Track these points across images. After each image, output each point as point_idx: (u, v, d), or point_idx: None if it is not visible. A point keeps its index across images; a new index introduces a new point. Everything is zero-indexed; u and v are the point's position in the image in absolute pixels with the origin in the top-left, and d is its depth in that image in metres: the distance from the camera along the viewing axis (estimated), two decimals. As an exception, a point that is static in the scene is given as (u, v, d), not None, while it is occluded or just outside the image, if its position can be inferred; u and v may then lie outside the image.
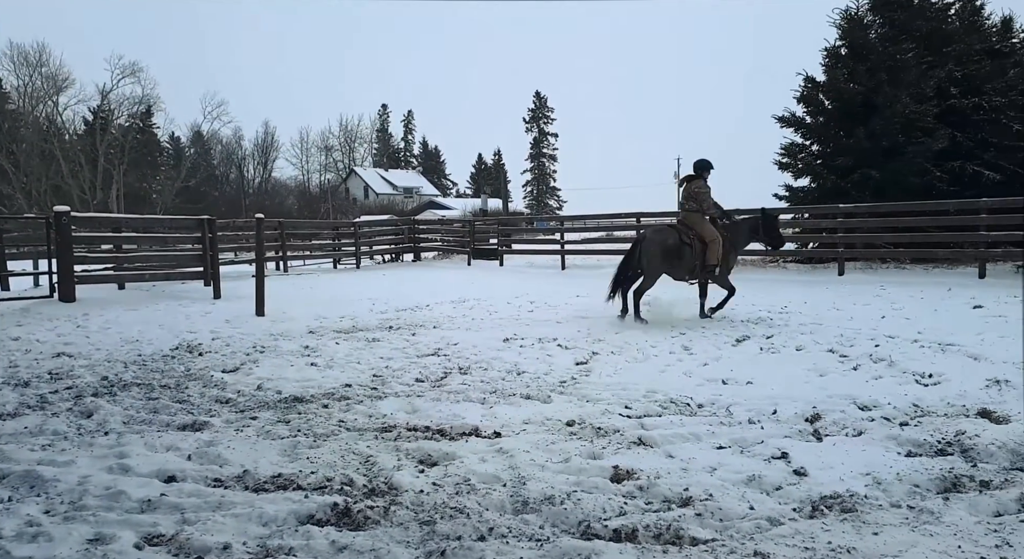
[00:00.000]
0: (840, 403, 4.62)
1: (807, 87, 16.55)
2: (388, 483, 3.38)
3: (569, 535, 2.85)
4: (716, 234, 8.45)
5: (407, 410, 4.71)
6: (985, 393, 4.75)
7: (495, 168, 79.56)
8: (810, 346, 6.61)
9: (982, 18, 17.10)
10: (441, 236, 23.26)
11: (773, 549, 2.61)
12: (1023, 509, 2.93)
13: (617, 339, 7.22)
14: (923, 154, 14.48)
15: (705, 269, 8.52)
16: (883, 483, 3.27)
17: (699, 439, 4.02)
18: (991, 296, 9.39)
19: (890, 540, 2.64)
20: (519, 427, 4.29)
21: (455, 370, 5.92)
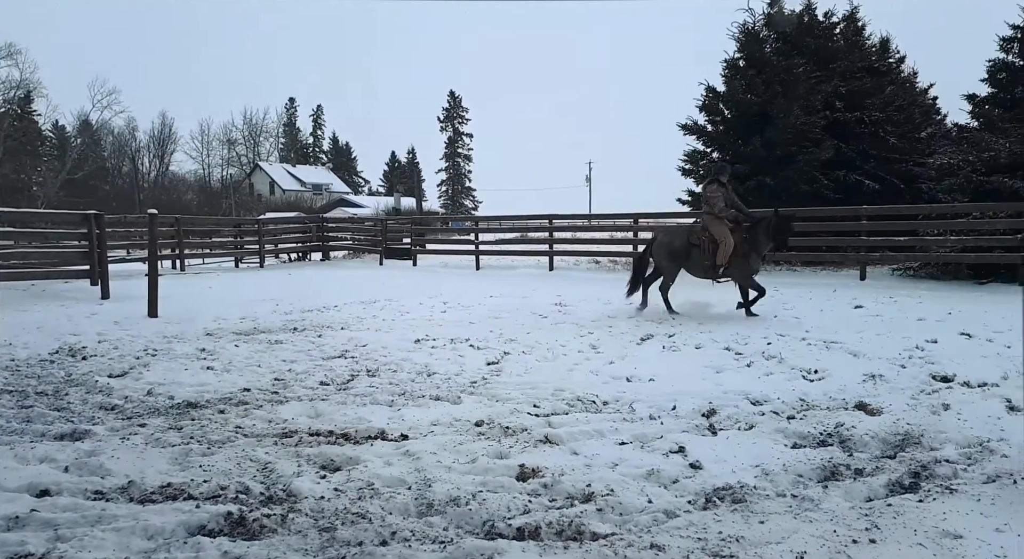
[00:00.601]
0: (734, 398, 4.85)
1: (708, 96, 17.32)
2: (287, 490, 3.26)
3: (473, 535, 2.85)
4: (726, 235, 8.68)
5: (310, 414, 4.57)
6: (862, 387, 5.12)
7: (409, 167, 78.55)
8: (708, 344, 6.91)
9: (863, 38, 18.49)
10: (352, 235, 22.75)
11: (668, 541, 2.70)
12: (891, 494, 3.18)
13: (528, 339, 7.29)
14: (812, 163, 15.47)
15: (715, 268, 8.85)
16: (771, 474, 3.46)
17: (603, 435, 4.12)
18: (870, 297, 10.14)
19: (775, 528, 2.79)
20: (427, 429, 4.26)
21: (363, 372, 5.80)
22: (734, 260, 8.72)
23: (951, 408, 4.48)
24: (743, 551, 2.62)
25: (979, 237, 11.56)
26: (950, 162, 12.80)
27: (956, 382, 5.20)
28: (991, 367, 5.57)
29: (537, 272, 16.05)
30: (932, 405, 4.57)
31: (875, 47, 18.76)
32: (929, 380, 5.28)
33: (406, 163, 79.55)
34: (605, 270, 16.32)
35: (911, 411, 4.45)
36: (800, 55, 16.31)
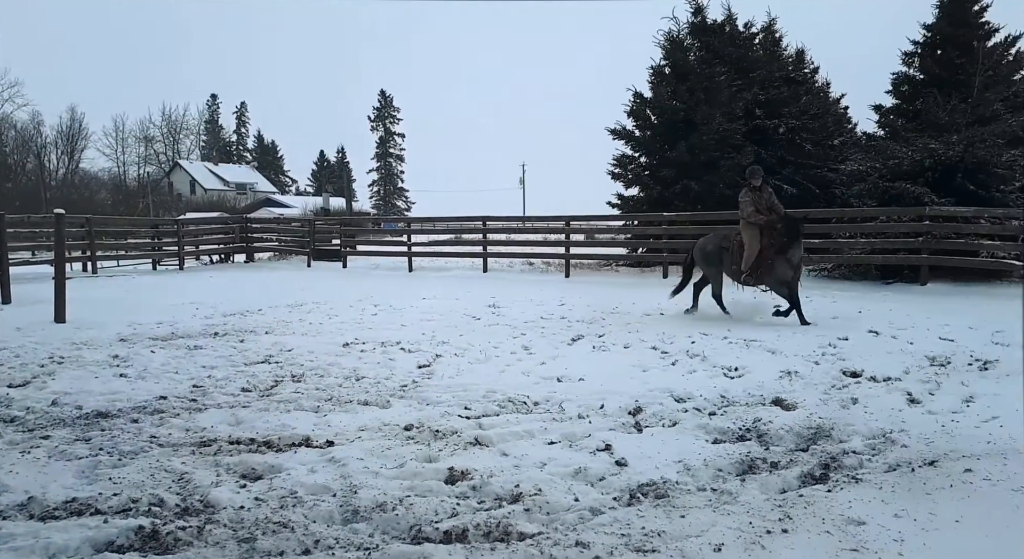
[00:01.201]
0: (659, 396, 4.98)
1: (636, 102, 17.72)
2: (204, 501, 3.14)
3: (400, 541, 2.82)
4: (751, 240, 8.53)
5: (231, 422, 4.41)
6: (779, 383, 5.35)
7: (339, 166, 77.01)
8: (636, 344, 7.06)
9: (781, 49, 19.35)
10: (278, 236, 22.08)
11: (593, 538, 2.75)
12: (803, 485, 3.33)
13: (461, 341, 7.27)
14: (734, 168, 16.05)
15: (740, 274, 8.71)
16: (692, 469, 3.57)
17: (532, 436, 4.15)
18: (787, 296, 10.59)
19: (695, 521, 2.88)
20: (354, 435, 4.18)
21: (287, 378, 5.64)
22: (762, 266, 8.47)
23: (859, 402, 4.75)
24: (664, 545, 2.69)
25: (886, 240, 12.28)
26: (859, 168, 13.54)
27: (864, 377, 5.50)
28: (895, 362, 5.92)
29: (471, 274, 16.03)
30: (842, 399, 4.82)
31: (791, 58, 19.65)
32: (840, 376, 5.56)
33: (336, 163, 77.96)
34: (539, 271, 16.47)
35: (823, 405, 4.68)
36: (722, 64, 16.90)
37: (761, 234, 8.51)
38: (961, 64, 15.52)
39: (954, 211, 11.60)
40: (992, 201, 11.98)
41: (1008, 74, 16.55)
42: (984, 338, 6.93)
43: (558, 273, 15.76)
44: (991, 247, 11.47)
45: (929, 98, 14.83)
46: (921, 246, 11.71)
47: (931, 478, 3.24)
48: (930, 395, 4.94)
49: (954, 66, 15.69)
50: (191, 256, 19.89)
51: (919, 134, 13.93)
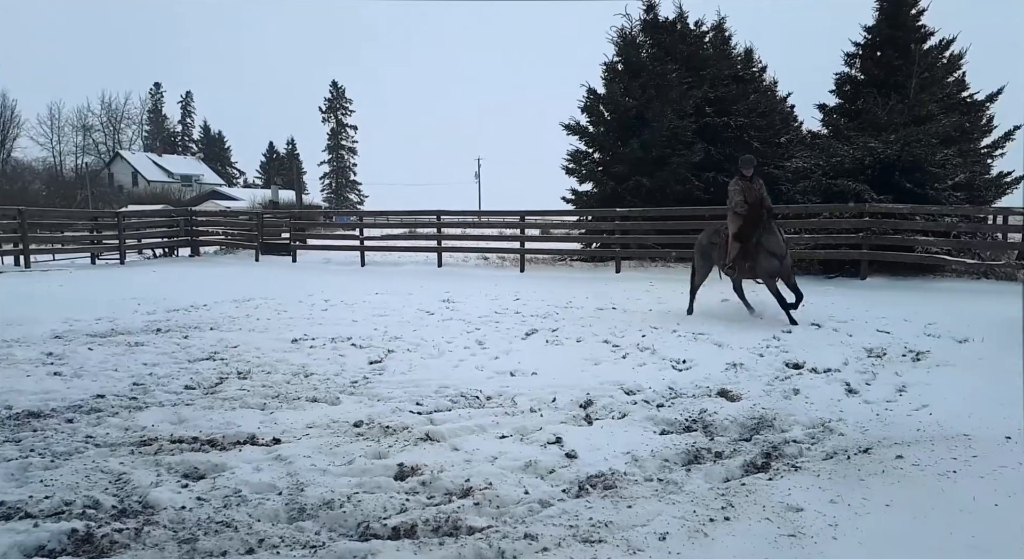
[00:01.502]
0: (610, 389, 5.05)
1: (589, 98, 17.85)
2: (143, 502, 3.05)
3: (347, 538, 2.79)
4: (735, 233, 8.27)
5: (173, 421, 4.29)
6: (725, 375, 5.48)
7: (288, 158, 75.32)
8: (588, 338, 7.13)
9: (730, 47, 19.75)
10: (225, 229, 21.51)
11: (542, 530, 2.77)
12: (745, 474, 3.42)
13: (414, 336, 7.22)
14: (684, 165, 16.34)
15: (725, 267, 8.55)
16: (640, 460, 3.63)
17: (484, 430, 4.15)
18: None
19: (641, 511, 2.94)
20: (302, 432, 4.11)
21: (233, 375, 5.51)
22: (748, 258, 8.21)
23: (800, 393, 4.90)
24: (611, 535, 2.73)
25: (828, 235, 12.69)
26: (804, 166, 13.94)
27: (806, 369, 5.68)
28: (835, 354, 6.13)
29: (425, 269, 15.92)
30: (784, 390, 4.97)
31: (740, 56, 20.08)
32: (783, 368, 5.74)
33: (285, 154, 76.21)
34: (494, 266, 16.46)
35: (766, 396, 4.82)
36: (674, 61, 17.16)
37: (745, 225, 8.27)
38: (899, 66, 16.13)
39: (892, 208, 12.06)
40: (927, 198, 12.49)
41: (942, 76, 17.29)
42: (917, 330, 7.24)
43: (513, 268, 15.78)
44: (926, 243, 11.96)
45: (869, 98, 15.39)
46: (861, 242, 12.14)
47: (865, 465, 3.37)
48: (867, 385, 5.14)
49: (893, 67, 16.30)
50: (133, 250, 19.22)
51: (860, 133, 14.43)
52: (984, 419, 4.03)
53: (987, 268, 11.95)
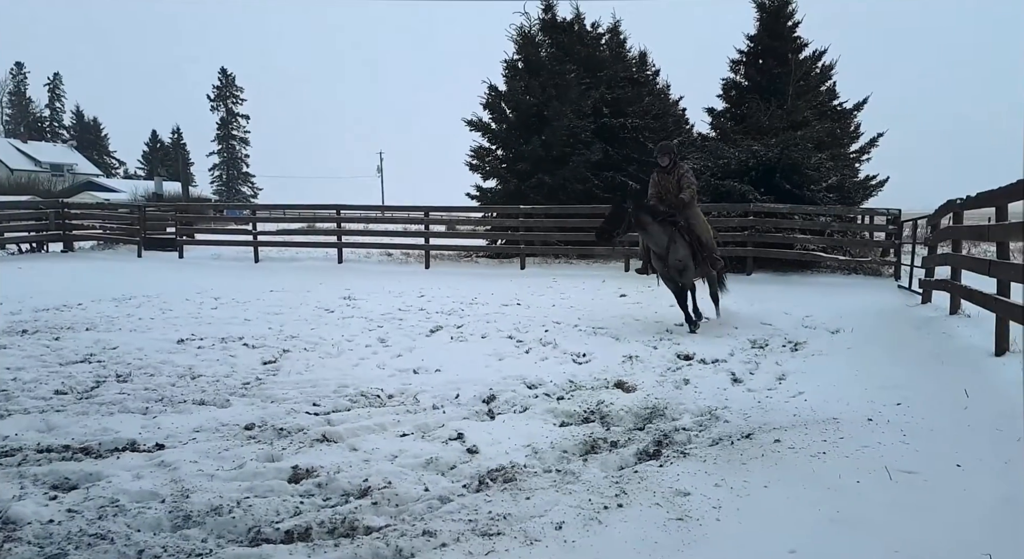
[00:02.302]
0: (513, 383, 5.11)
1: (491, 95, 17.94)
2: (3, 518, 2.78)
3: (236, 544, 2.68)
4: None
5: (40, 428, 3.95)
6: (622, 367, 5.68)
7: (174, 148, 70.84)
8: (493, 334, 7.18)
9: (626, 50, 20.41)
10: (103, 223, 19.97)
11: (440, 526, 2.76)
12: (639, 462, 3.56)
13: (312, 335, 7.00)
14: (584, 164, 16.76)
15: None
16: (539, 452, 3.70)
17: (384, 429, 4.09)
18: (632, 286, 11.22)
19: (539, 502, 2.99)
20: (188, 436, 3.90)
21: (111, 378, 5.15)
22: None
23: (690, 382, 5.15)
24: (509, 527, 2.76)
25: (717, 233, 13.37)
26: (695, 167, 14.64)
27: (695, 360, 5.98)
28: (723, 346, 6.49)
29: (325, 264, 15.46)
30: (676, 380, 5.21)
31: (635, 59, 20.79)
32: (675, 359, 6.01)
33: (171, 144, 71.69)
34: (397, 262, 16.22)
35: (659, 387, 5.03)
36: (572, 61, 17.53)
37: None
38: (779, 74, 17.24)
39: (774, 208, 12.90)
40: (804, 199, 13.44)
41: (816, 85, 18.62)
42: (796, 322, 7.78)
43: (418, 264, 15.62)
44: (803, 240, 12.88)
45: (753, 103, 16.35)
46: (747, 239, 12.91)
47: (747, 449, 3.59)
48: (750, 375, 5.48)
49: (773, 75, 17.39)
50: (-6, 245, 17.49)
51: (745, 136, 15.32)
52: (851, 403, 4.39)
53: (856, 264, 13.03)
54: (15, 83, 70.53)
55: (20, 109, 71.13)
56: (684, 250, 7.40)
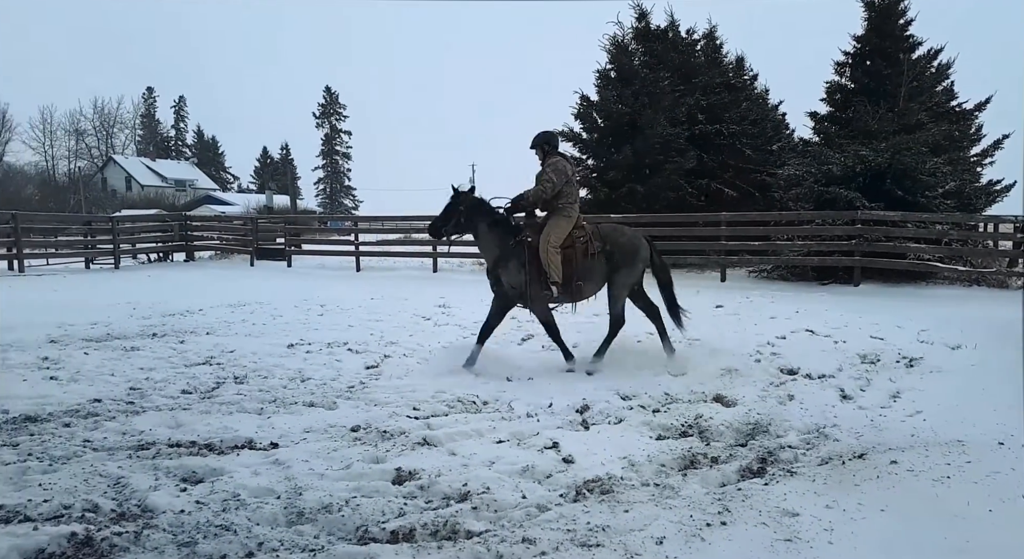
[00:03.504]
0: (606, 394, 5.08)
1: (583, 105, 17.93)
2: (142, 506, 3.05)
3: (346, 542, 2.80)
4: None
5: (170, 425, 4.29)
6: (720, 381, 5.51)
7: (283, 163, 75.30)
8: (584, 344, 7.11)
9: (721, 55, 19.87)
10: (220, 234, 21.47)
11: (539, 534, 2.79)
12: (742, 479, 3.45)
13: (410, 341, 7.23)
14: (678, 172, 16.43)
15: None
16: (636, 465, 3.65)
17: (481, 435, 4.17)
18: (729, 297, 10.92)
19: (638, 516, 2.96)
20: (299, 436, 4.12)
21: (230, 379, 5.51)
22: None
23: (795, 398, 4.94)
24: (608, 539, 2.75)
25: (821, 242, 12.79)
26: (796, 173, 14.06)
27: (800, 374, 5.72)
28: (829, 360, 6.17)
29: (420, 274, 15.93)
30: (779, 396, 5.01)
31: (732, 65, 20.21)
32: (778, 373, 5.78)
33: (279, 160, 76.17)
34: (486, 272, 16.48)
35: (761, 402, 4.85)
36: (666, 69, 17.27)
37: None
38: (888, 75, 16.28)
39: (883, 215, 12.17)
40: (918, 206, 12.59)
41: (931, 85, 17.44)
42: (911, 336, 7.30)
43: (507, 273, 15.79)
44: (917, 250, 12.06)
45: (859, 106, 15.52)
46: (854, 248, 12.24)
47: (860, 470, 3.41)
48: (861, 391, 5.19)
49: (882, 76, 16.44)
50: (127, 255, 19.15)
51: (851, 141, 14.55)
52: (977, 425, 4.08)
53: (978, 275, 12.06)
54: (146, 106, 77.03)
55: (150, 130, 77.57)
56: (517, 274, 6.06)
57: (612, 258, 6.14)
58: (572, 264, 6.04)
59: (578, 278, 6.06)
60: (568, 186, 6.17)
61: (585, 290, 6.19)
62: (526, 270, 6.03)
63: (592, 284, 6.20)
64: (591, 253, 6.08)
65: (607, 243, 6.16)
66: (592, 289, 6.25)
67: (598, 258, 6.10)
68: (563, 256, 6.01)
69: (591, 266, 6.09)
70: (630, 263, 6.24)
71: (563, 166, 6.19)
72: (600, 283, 6.23)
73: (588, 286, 6.17)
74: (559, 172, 6.11)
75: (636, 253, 6.27)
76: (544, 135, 6.40)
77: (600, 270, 6.15)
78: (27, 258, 16.50)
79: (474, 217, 6.28)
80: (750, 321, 8.52)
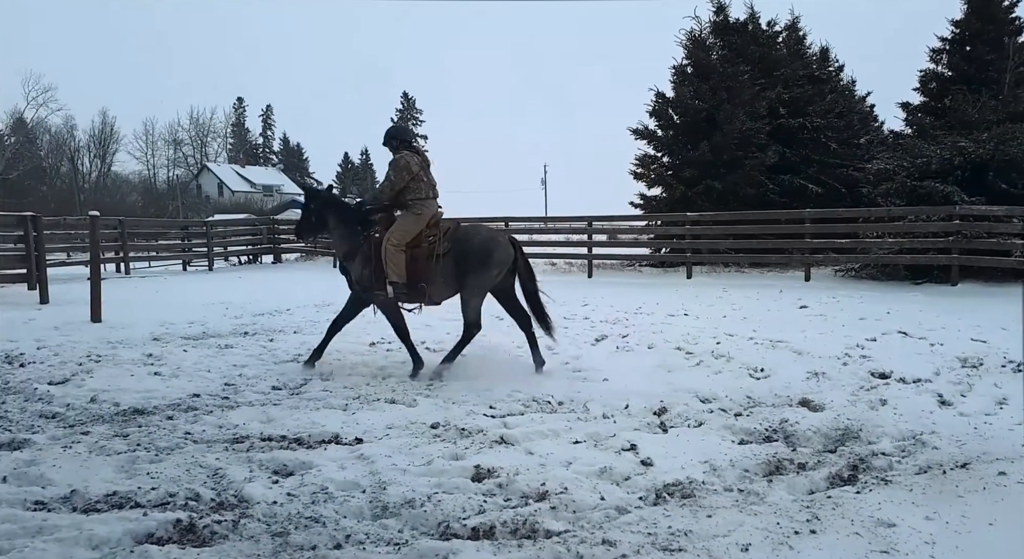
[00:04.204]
0: (684, 396, 4.98)
1: (658, 102, 17.67)
2: (238, 496, 3.22)
3: (428, 537, 2.87)
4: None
5: (262, 419, 4.50)
6: (806, 384, 5.31)
7: (363, 168, 77.77)
8: (660, 344, 7.04)
9: (805, 47, 19.14)
10: (303, 237, 22.36)
11: (620, 536, 2.77)
12: (831, 486, 3.32)
13: (484, 341, 7.27)
14: (758, 168, 15.95)
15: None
16: (718, 469, 3.57)
17: (557, 435, 4.17)
18: (814, 297, 10.49)
19: (722, 521, 2.89)
20: (382, 432, 4.24)
21: (316, 376, 5.73)
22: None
23: (888, 403, 4.70)
24: (691, 544, 2.70)
25: (914, 239, 12.08)
26: (887, 167, 13.35)
27: (893, 378, 5.44)
28: (924, 364, 5.84)
29: (492, 274, 16.08)
30: (870, 401, 4.78)
31: (815, 56, 19.44)
32: (868, 377, 5.51)
33: (360, 164, 78.64)
34: (561, 272, 16.48)
35: (851, 407, 4.64)
36: (745, 62, 16.79)
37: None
38: (991, 60, 15.25)
39: (985, 210, 11.38)
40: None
41: (1041, 70, 16.20)
42: (1017, 339, 6.79)
43: (580, 273, 15.74)
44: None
45: (958, 95, 14.58)
46: (951, 246, 11.51)
47: (963, 481, 3.21)
48: (962, 397, 4.88)
49: (983, 62, 15.43)
50: (220, 257, 20.23)
51: (948, 132, 13.70)
52: (1095, 435, 3.77)
53: (1095, 274, 11.10)
54: (237, 115, 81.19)
55: (240, 138, 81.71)
56: (361, 270, 6.04)
57: (462, 261, 5.86)
58: (417, 264, 5.85)
59: (423, 279, 5.86)
60: (415, 182, 5.97)
61: (432, 292, 5.97)
62: (371, 266, 5.93)
63: (441, 287, 5.97)
64: (438, 254, 5.85)
65: (458, 244, 5.90)
66: (442, 292, 6.03)
67: (446, 260, 5.86)
68: (409, 255, 5.85)
69: (438, 268, 5.85)
70: (481, 266, 5.86)
71: (406, 162, 5.99)
72: (452, 286, 5.99)
73: (436, 288, 5.95)
74: (400, 169, 5.95)
75: (488, 256, 5.87)
76: (393, 129, 6.28)
77: (449, 272, 5.89)
78: (132, 261, 17.71)
79: (325, 214, 6.21)
80: (837, 322, 8.17)
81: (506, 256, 5.96)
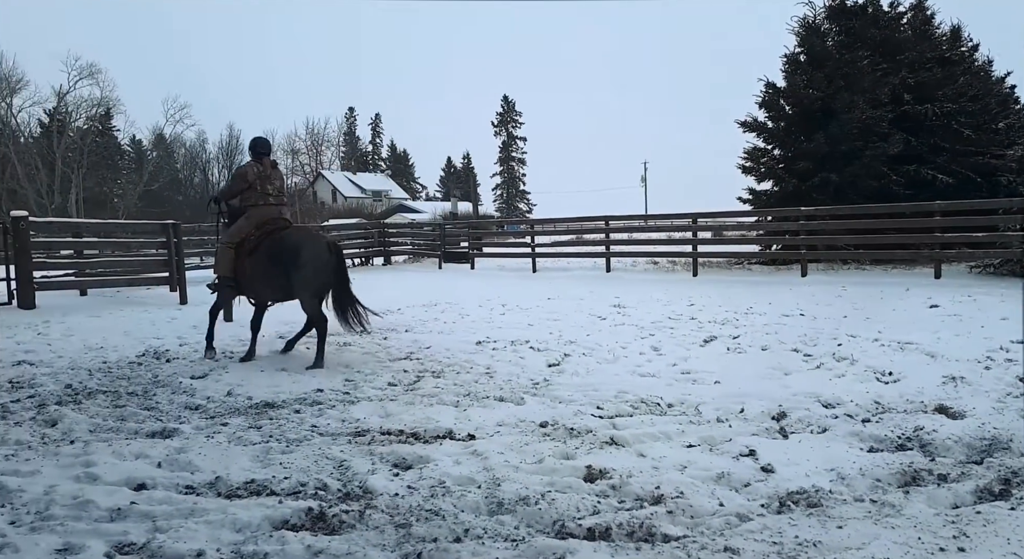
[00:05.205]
0: (805, 401, 4.74)
1: (768, 93, 16.93)
2: (363, 487, 3.38)
3: (544, 535, 2.89)
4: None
5: (380, 414, 4.70)
6: (942, 390, 4.92)
7: (464, 171, 79.54)
8: (775, 346, 6.75)
9: (933, 27, 17.70)
10: (411, 239, 23.16)
11: (743, 544, 2.68)
12: (979, 501, 3.05)
13: (588, 341, 7.29)
14: (879, 158, 14.92)
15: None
16: (847, 478, 3.38)
17: (669, 438, 4.09)
18: (946, 296, 9.70)
19: (854, 533, 2.73)
20: (493, 429, 4.32)
21: (428, 374, 5.92)
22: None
23: (1041, 412, 4.27)
24: (821, 556, 2.57)
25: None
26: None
27: (1046, 385, 4.94)
28: (1084, 369, 5.26)
29: (593, 274, 15.99)
30: (1021, 408, 4.36)
31: (945, 36, 17.93)
32: (1016, 382, 5.03)
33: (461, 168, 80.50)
34: (663, 271, 16.14)
35: (997, 415, 4.26)
36: (864, 47, 15.76)
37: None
38: None
39: None
40: None
41: None
42: None
43: (684, 272, 15.34)
44: None
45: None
46: (1112, 238, 10.30)
47: None
48: None
49: None
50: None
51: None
52: None
53: None
54: (348, 124, 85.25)
55: (351, 146, 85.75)
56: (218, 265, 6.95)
57: (276, 260, 6.38)
58: (240, 261, 6.55)
59: (246, 276, 6.57)
60: (250, 190, 6.73)
61: (257, 289, 6.71)
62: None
63: (264, 285, 6.60)
64: (250, 251, 6.50)
65: (274, 245, 6.44)
66: (268, 288, 6.66)
67: (258, 258, 6.46)
68: (235, 253, 6.60)
69: (257, 266, 6.47)
70: (293, 265, 6.31)
71: (243, 171, 6.78)
72: (277, 284, 6.51)
73: (260, 286, 6.63)
74: (236, 177, 6.89)
75: (296, 255, 6.30)
76: (251, 141, 7.12)
77: (270, 272, 6.43)
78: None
79: (222, 215, 7.11)
80: (975, 323, 7.52)
81: (314, 255, 6.37)
